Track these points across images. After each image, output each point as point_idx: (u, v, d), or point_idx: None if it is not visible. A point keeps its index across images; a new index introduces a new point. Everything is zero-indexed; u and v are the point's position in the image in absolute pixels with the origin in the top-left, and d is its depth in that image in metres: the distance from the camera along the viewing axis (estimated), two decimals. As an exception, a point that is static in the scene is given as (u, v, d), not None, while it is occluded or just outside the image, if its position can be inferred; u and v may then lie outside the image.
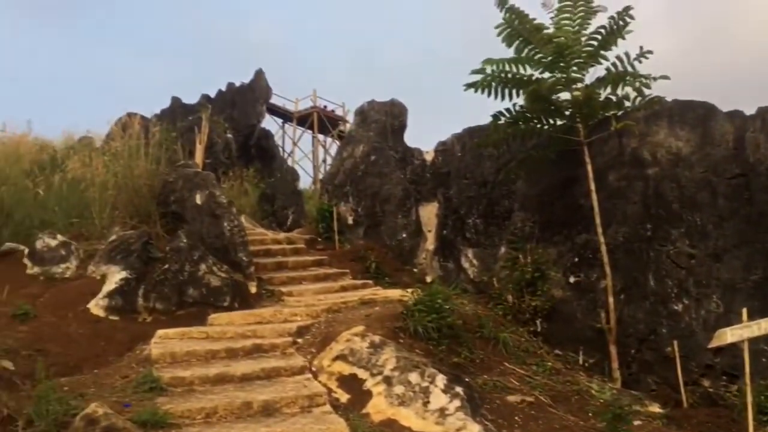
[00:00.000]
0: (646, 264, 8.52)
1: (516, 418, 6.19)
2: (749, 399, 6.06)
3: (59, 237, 8.93)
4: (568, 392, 7.20)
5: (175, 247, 8.51)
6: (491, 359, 7.46)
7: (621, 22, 8.47)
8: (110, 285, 7.92)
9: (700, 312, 8.08)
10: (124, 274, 8.05)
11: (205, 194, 9.54)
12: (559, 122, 9.22)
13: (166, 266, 8.28)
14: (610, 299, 8.39)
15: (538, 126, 9.30)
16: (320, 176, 35.99)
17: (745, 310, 6.16)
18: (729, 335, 5.92)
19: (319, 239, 12.54)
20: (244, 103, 24.39)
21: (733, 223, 8.15)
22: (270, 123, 40.61)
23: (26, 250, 8.85)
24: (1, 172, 11.02)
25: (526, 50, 8.81)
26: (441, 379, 6.08)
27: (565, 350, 8.85)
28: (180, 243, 8.54)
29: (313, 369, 6.55)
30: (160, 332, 7.14)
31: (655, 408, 7.35)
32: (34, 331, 6.94)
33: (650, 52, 8.38)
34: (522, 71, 8.96)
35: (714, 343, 6.17)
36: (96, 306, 7.67)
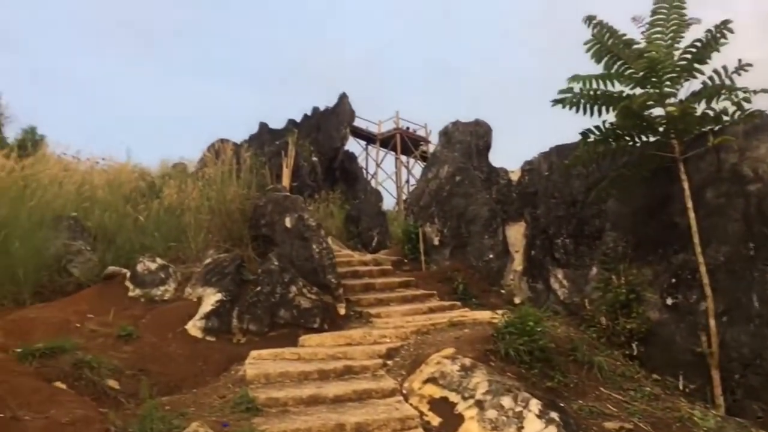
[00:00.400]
0: (749, 285, 8.13)
1: (614, 445, 6.02)
2: None
3: (158, 260, 9.36)
4: (669, 419, 6.92)
5: (267, 269, 8.76)
6: (586, 384, 7.27)
7: (718, 35, 8.19)
8: (206, 307, 8.23)
9: (812, 335, 7.66)
10: (219, 296, 8.35)
11: (295, 217, 9.80)
12: (651, 139, 8.98)
13: (259, 288, 8.54)
14: (712, 322, 8.04)
15: (630, 143, 9.08)
16: (403, 197, 36.30)
17: None
18: None
19: (406, 260, 12.61)
20: (328, 126, 24.88)
21: (843, 241, 7.72)
22: (354, 145, 41.35)
23: (128, 273, 9.32)
24: (105, 200, 11.69)
25: (615, 66, 8.65)
26: (535, 404, 5.98)
27: (664, 375, 8.52)
28: (271, 265, 8.79)
29: (404, 391, 6.57)
30: (254, 353, 7.36)
31: (764, 437, 6.99)
32: (137, 351, 7.29)
33: (749, 65, 8.07)
34: (611, 87, 8.80)
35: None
36: (194, 327, 7.99)
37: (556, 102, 8.91)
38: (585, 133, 9.15)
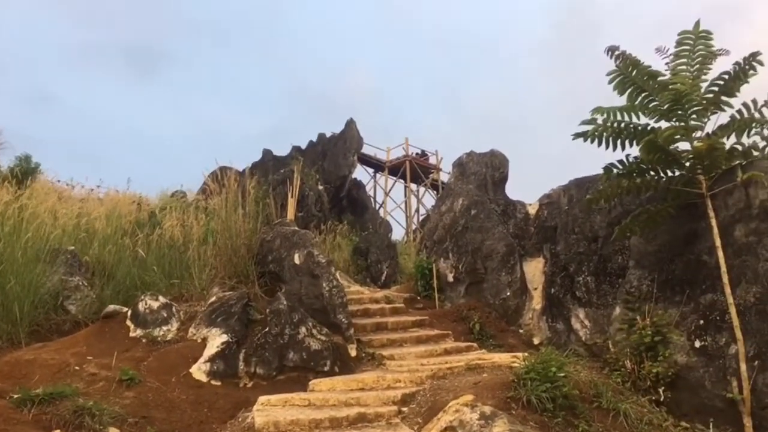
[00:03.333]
0: (783, 328, 8.13)
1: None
2: None
3: (161, 299, 9.40)
4: (700, 471, 6.90)
5: (275, 309, 8.79)
6: (612, 433, 7.25)
7: (747, 67, 8.28)
8: (211, 349, 8.25)
9: None
10: (225, 337, 8.38)
11: (304, 254, 9.85)
12: (677, 173, 9.03)
13: (267, 329, 8.57)
14: (742, 366, 8.00)
15: (655, 178, 9.14)
16: (413, 227, 36.38)
17: None
18: None
19: (419, 298, 12.64)
20: (335, 153, 25.10)
21: None
22: (361, 173, 41.62)
23: (129, 312, 9.36)
24: (103, 232, 11.77)
25: (639, 98, 8.74)
26: (559, 457, 5.97)
27: (693, 422, 8.46)
28: (280, 305, 8.82)
29: (421, 441, 6.57)
30: (262, 399, 7.36)
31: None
32: (140, 396, 7.30)
33: (781, 98, 8.15)
34: (635, 120, 8.88)
35: None
36: (198, 371, 8.01)
37: (577, 135, 9.00)
38: (608, 168, 9.22)
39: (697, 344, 8.79)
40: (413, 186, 39.17)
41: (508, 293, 11.76)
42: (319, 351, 8.60)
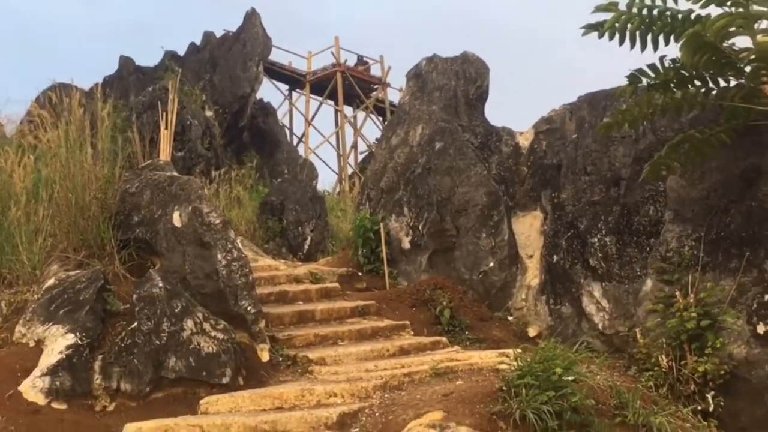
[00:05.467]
0: None
1: None
2: None
3: (-32, 284, 9.24)
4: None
5: (147, 295, 8.71)
6: (641, 459, 7.46)
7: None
8: (51, 356, 8.14)
9: None
10: (71, 338, 8.26)
11: (188, 211, 9.74)
12: (734, 83, 9.19)
13: (134, 325, 8.48)
14: (826, 359, 8.33)
15: (702, 91, 9.28)
16: (350, 170, 36.36)
17: None
18: None
19: (360, 274, 12.73)
20: (230, 62, 24.83)
21: None
22: (270, 91, 41.19)
23: None
24: None
25: (679, -29, 8.83)
26: (567, 494, 6.13)
27: (755, 440, 8.81)
28: (153, 289, 8.75)
29: (368, 480, 6.66)
30: (130, 427, 7.31)
31: None
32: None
33: None
34: (673, 4, 8.96)
35: None
36: (32, 389, 7.88)
37: (590, 28, 9.06)
38: (635, 76, 9.31)
39: (761, 329, 9.06)
40: (348, 110, 39.04)
41: (491, 264, 11.91)
42: (215, 355, 8.56)
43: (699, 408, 8.96)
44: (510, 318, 11.62)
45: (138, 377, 8.23)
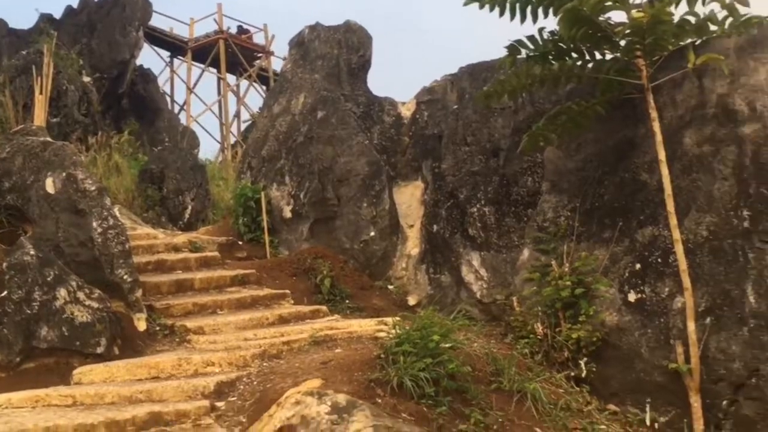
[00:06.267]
0: (742, 271, 8.61)
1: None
2: None
3: None
4: (633, 468, 7.40)
5: (17, 263, 8.52)
6: (515, 424, 7.59)
7: None
8: None
9: (825, 341, 8.28)
10: (-68, 307, 8.05)
11: (62, 178, 9.56)
12: (609, 57, 9.36)
13: (4, 294, 8.31)
14: (691, 325, 8.51)
15: (578, 63, 9.44)
16: (232, 139, 36.02)
17: None
18: None
19: (241, 243, 12.69)
20: (108, 26, 24.32)
21: None
22: (151, 58, 40.41)
23: None
24: None
25: (559, -52, 8.93)
26: (443, 459, 6.21)
27: (624, 404, 9.04)
28: (25, 257, 8.56)
29: (245, 448, 6.62)
30: (0, 398, 7.15)
31: (762, 490, 7.58)
32: None
33: (746, -46, 8.52)
34: (552, -21, 9.06)
35: None
36: None
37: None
38: (514, 48, 9.41)
39: (632, 297, 9.29)
40: (231, 78, 38.62)
41: (372, 233, 11.96)
42: (89, 324, 8.41)
43: (572, 374, 9.16)
44: (390, 287, 11.70)
45: (8, 347, 8.07)
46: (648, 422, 8.80)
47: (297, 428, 6.64)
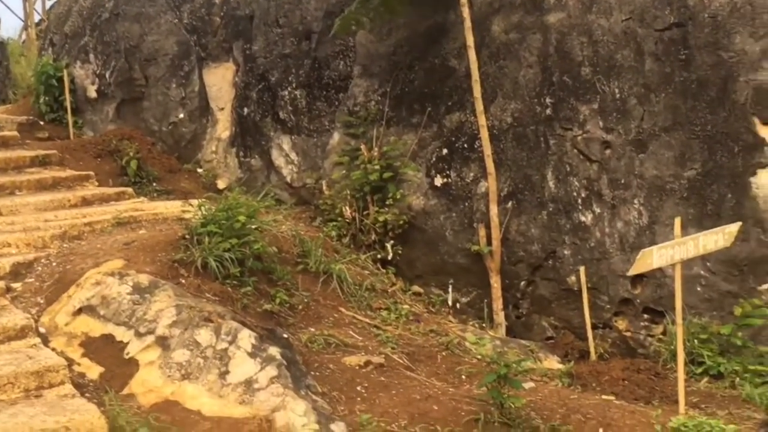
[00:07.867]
0: (543, 156, 8.90)
1: (358, 388, 6.49)
2: (680, 344, 6.48)
3: None
4: (433, 347, 7.63)
5: None
6: (321, 304, 7.73)
7: None
8: None
9: (617, 224, 8.55)
10: None
11: None
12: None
13: None
14: (494, 209, 8.79)
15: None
16: (36, 16, 34.17)
17: (677, 221, 6.53)
18: (655, 257, 6.26)
19: (42, 122, 12.26)
20: None
21: (664, 96, 8.43)
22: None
23: None
24: None
25: None
26: (246, 337, 6.23)
27: (428, 286, 9.32)
28: None
29: (42, 330, 6.49)
30: None
31: (554, 363, 7.97)
32: None
33: None
34: None
35: (635, 269, 6.43)
36: None
37: None
38: None
39: (439, 182, 9.50)
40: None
41: (182, 115, 11.73)
42: None
43: (379, 256, 9.34)
44: (200, 170, 11.54)
45: None
46: (450, 302, 9.12)
47: (97, 309, 6.57)
